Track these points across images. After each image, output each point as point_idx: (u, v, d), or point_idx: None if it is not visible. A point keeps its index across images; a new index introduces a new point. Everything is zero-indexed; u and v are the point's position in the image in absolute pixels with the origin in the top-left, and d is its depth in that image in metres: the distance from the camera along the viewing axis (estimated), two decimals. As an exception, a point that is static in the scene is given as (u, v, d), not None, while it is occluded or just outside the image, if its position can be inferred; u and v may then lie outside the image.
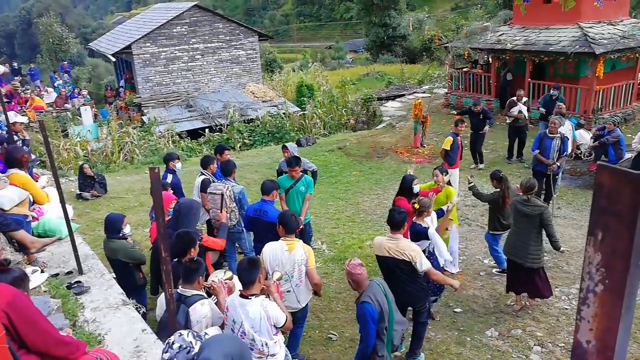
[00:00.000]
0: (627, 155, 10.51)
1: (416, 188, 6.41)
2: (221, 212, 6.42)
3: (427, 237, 5.60)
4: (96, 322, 4.30)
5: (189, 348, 2.85)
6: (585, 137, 11.37)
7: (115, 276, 5.68)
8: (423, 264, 4.94)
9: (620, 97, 13.96)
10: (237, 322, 3.79)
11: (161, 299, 4.07)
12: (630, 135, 12.87)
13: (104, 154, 15.95)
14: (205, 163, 7.25)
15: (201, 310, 3.77)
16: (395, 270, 5.04)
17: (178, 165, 7.64)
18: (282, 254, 4.82)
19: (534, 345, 5.77)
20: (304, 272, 4.90)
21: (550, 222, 6.04)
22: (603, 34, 13.51)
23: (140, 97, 20.89)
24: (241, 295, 3.82)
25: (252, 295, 3.79)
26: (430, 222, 5.90)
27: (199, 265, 3.95)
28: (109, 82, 26.98)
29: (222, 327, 3.97)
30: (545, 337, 5.89)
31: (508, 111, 11.65)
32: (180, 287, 3.88)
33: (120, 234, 5.50)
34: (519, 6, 15.81)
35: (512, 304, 6.54)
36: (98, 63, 39.62)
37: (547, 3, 14.77)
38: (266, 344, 3.77)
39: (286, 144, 8.21)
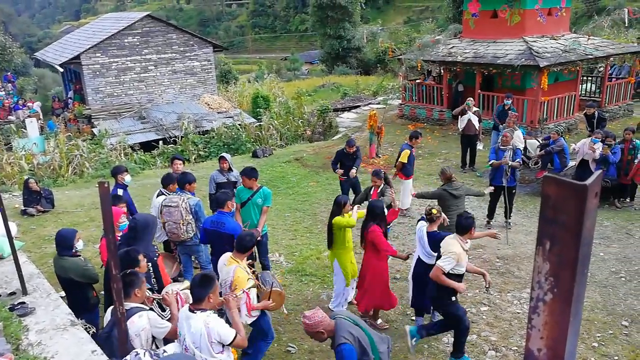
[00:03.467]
0: (571, 163, 11.00)
1: (354, 214, 6.34)
2: (180, 226, 6.28)
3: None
4: (42, 345, 4.08)
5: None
6: (533, 146, 11.83)
7: (64, 295, 5.43)
8: (441, 261, 5.20)
9: (564, 107, 14.63)
10: (182, 334, 3.73)
11: (106, 315, 3.93)
12: (573, 144, 13.50)
13: (52, 167, 15.31)
14: (166, 182, 7.05)
15: (138, 322, 3.66)
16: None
17: (127, 178, 7.42)
18: (222, 266, 4.87)
19: (489, 349, 5.90)
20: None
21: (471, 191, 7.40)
22: (546, 48, 14.15)
23: (90, 109, 20.25)
24: (189, 309, 3.74)
25: (198, 309, 3.69)
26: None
27: (134, 278, 3.85)
28: (57, 93, 26.06)
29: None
30: (499, 341, 6.04)
31: (459, 113, 11.98)
32: None
33: (73, 250, 5.27)
34: (468, 20, 16.37)
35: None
36: (44, 73, 38.17)
37: (494, 18, 15.37)
38: None
39: (224, 155, 8.02)
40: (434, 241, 5.75)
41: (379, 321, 6.40)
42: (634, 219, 9.42)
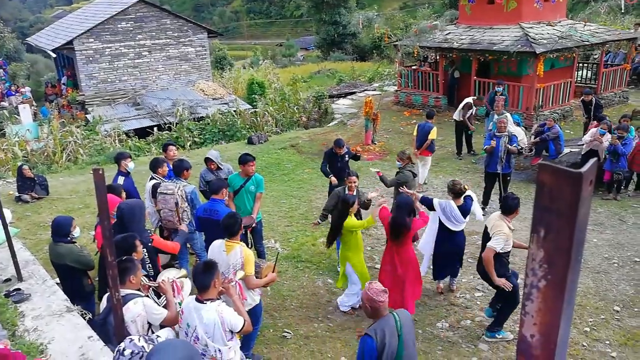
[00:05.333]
0: (566, 150, 11.02)
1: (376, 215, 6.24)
2: (177, 215, 6.27)
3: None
4: (38, 331, 4.10)
5: (141, 353, 2.76)
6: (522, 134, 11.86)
7: (59, 282, 5.44)
8: (493, 242, 5.41)
9: (559, 94, 14.62)
10: (191, 326, 3.71)
11: (102, 302, 3.94)
12: (568, 131, 13.53)
13: (45, 154, 15.22)
14: (154, 166, 7.01)
15: (134, 309, 3.68)
16: (484, 240, 5.69)
17: (130, 165, 7.28)
18: (219, 254, 4.77)
19: (482, 334, 5.97)
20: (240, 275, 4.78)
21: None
22: (543, 34, 14.10)
23: (83, 95, 20.08)
24: (197, 299, 3.74)
25: (208, 299, 3.71)
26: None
27: (129, 265, 3.86)
28: (50, 79, 25.80)
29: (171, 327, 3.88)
30: (493, 326, 6.09)
31: (465, 113, 11.98)
32: None
33: (69, 237, 5.27)
34: (464, 6, 16.27)
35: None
36: (37, 59, 37.76)
37: (490, 4, 15.27)
38: (219, 350, 3.69)
39: (209, 156, 7.38)
40: (464, 211, 6.36)
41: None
42: (627, 205, 9.48)
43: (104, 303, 3.91)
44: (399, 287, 5.82)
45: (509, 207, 5.58)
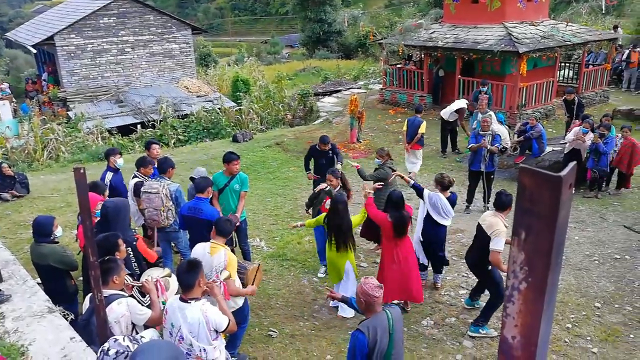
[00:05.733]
0: (548, 149, 11.16)
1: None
2: (160, 212, 6.20)
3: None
4: (18, 333, 4.03)
5: (126, 352, 2.74)
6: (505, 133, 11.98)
7: (40, 282, 5.36)
8: (496, 244, 5.46)
9: (542, 94, 14.80)
10: (175, 325, 3.68)
11: (85, 303, 3.89)
12: (551, 130, 13.71)
13: (26, 151, 14.97)
14: (139, 165, 6.95)
15: (118, 309, 3.64)
16: (479, 236, 5.76)
17: (119, 161, 7.18)
18: (203, 255, 4.73)
19: (467, 332, 6.02)
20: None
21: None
22: (525, 34, 14.25)
23: (65, 91, 19.77)
24: (181, 299, 3.72)
25: (192, 299, 3.68)
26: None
27: (111, 265, 3.82)
28: (30, 75, 25.36)
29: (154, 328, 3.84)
30: (477, 323, 6.15)
31: (461, 118, 12.12)
32: None
33: (51, 237, 5.19)
34: (448, 5, 16.36)
35: None
36: (17, 54, 37.09)
37: (474, 3, 15.38)
38: (204, 350, 3.67)
39: (194, 176, 6.93)
40: (451, 204, 6.48)
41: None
42: (608, 203, 9.64)
43: (86, 304, 3.86)
44: (406, 279, 6.00)
45: (502, 203, 5.67)
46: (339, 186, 6.80)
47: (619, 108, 15.04)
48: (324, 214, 6.25)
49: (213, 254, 4.70)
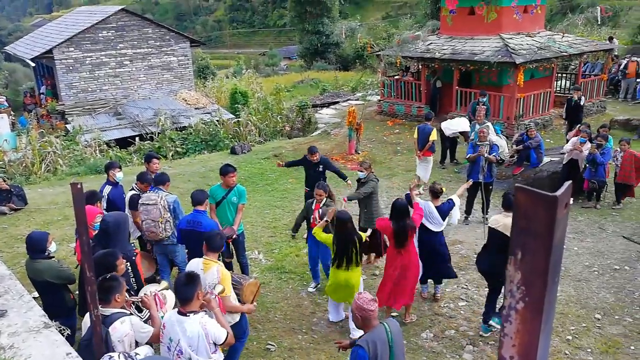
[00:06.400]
0: (546, 159, 11.17)
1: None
2: (158, 224, 6.17)
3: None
4: (14, 348, 3.98)
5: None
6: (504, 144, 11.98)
7: (37, 296, 5.32)
8: None
9: (539, 104, 14.86)
10: (174, 340, 3.65)
11: (85, 321, 3.85)
12: (549, 140, 13.74)
13: (24, 164, 14.94)
14: (139, 179, 6.95)
15: (121, 328, 3.60)
16: (495, 240, 5.83)
17: (118, 174, 7.14)
18: (196, 272, 4.71)
19: (467, 344, 5.98)
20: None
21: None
22: (522, 45, 14.34)
23: (63, 104, 19.81)
24: (179, 312, 3.69)
25: (191, 312, 3.65)
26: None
27: (113, 283, 3.77)
28: (28, 89, 25.40)
29: (150, 344, 3.80)
30: (477, 336, 6.12)
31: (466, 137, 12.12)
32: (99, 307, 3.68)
33: (46, 253, 5.16)
34: (445, 17, 16.48)
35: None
36: (16, 68, 37.19)
37: (471, 15, 15.49)
38: None
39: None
40: (442, 212, 6.54)
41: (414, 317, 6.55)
42: (607, 213, 9.63)
43: (86, 322, 3.81)
44: (396, 287, 6.08)
45: (511, 203, 5.90)
46: (326, 199, 6.92)
47: (616, 118, 15.10)
48: (331, 235, 6.03)
49: (206, 271, 4.67)
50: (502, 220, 5.80)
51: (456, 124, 11.91)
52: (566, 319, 6.37)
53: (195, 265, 4.80)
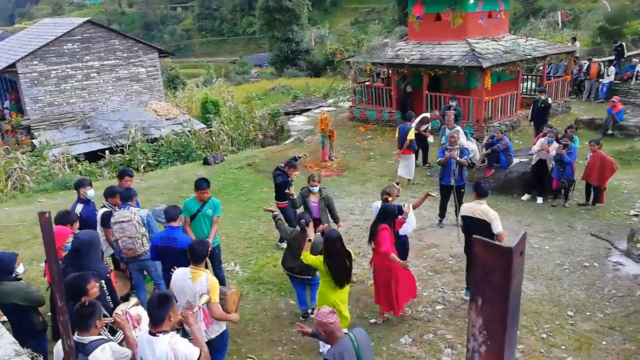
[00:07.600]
0: (515, 160, 11.42)
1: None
2: (136, 240, 6.07)
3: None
4: (-16, 379, 3.87)
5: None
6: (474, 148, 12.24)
7: (5, 320, 5.17)
8: (498, 227, 6.09)
9: (507, 106, 15.20)
10: None
11: (58, 351, 3.75)
12: (517, 141, 14.05)
13: (-11, 183, 14.52)
14: (107, 194, 6.81)
15: (102, 356, 3.53)
16: (473, 229, 6.04)
17: (90, 192, 6.93)
18: (185, 282, 4.70)
19: (445, 347, 6.06)
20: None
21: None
22: (488, 49, 14.66)
23: (29, 119, 19.33)
24: (150, 332, 3.64)
25: (161, 332, 3.61)
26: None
27: (92, 310, 3.69)
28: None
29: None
30: (455, 339, 6.20)
31: (420, 126, 12.30)
32: (76, 334, 3.60)
33: (14, 275, 5.02)
34: (413, 23, 16.73)
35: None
36: (-22, 82, 36.10)
37: (437, 20, 15.77)
38: None
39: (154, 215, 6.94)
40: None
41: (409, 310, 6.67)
42: (575, 211, 9.89)
43: (59, 351, 3.70)
44: (386, 290, 6.27)
45: (483, 190, 6.42)
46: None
47: (580, 118, 15.56)
48: (321, 257, 5.59)
49: (195, 280, 4.65)
50: (475, 207, 6.23)
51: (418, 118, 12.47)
52: (540, 318, 6.51)
53: (182, 274, 4.76)
